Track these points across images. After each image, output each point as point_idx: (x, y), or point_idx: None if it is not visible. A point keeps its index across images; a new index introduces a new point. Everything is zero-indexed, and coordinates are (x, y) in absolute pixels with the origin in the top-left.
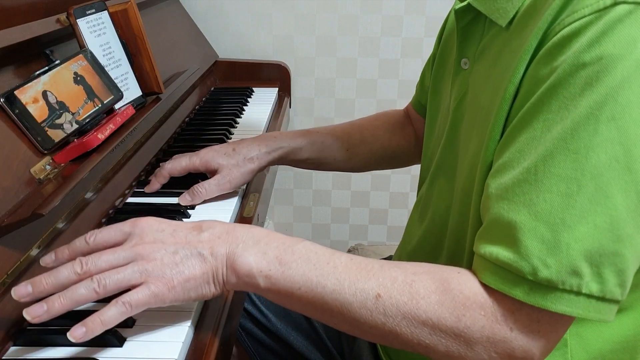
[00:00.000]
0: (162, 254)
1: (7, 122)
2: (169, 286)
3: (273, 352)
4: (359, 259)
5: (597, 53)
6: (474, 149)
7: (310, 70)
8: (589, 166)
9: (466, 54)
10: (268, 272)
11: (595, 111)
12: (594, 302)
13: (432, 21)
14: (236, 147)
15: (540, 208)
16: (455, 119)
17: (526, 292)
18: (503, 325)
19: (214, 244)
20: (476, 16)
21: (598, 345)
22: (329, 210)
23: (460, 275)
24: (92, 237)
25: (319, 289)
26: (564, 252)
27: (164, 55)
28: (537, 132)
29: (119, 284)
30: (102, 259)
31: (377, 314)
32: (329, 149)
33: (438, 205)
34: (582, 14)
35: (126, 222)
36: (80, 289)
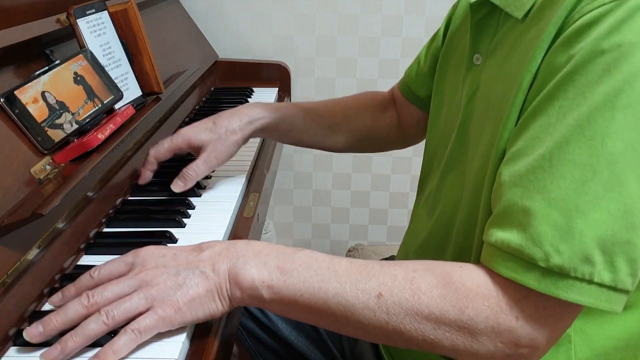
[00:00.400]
0: (164, 277)
1: (7, 122)
2: (175, 308)
3: (274, 351)
4: (359, 261)
5: (616, 40)
6: (487, 142)
7: (310, 70)
8: (604, 153)
9: (479, 49)
10: (270, 282)
11: (612, 98)
12: (605, 291)
13: (432, 21)
14: (216, 120)
15: (554, 194)
16: (466, 115)
17: (537, 279)
18: (508, 315)
19: (215, 261)
20: (491, 10)
21: (602, 342)
22: (329, 210)
23: (462, 269)
24: (97, 272)
25: (321, 294)
26: (577, 239)
27: (164, 55)
28: (552, 119)
29: (126, 313)
30: (107, 290)
31: (380, 313)
32: (309, 123)
33: (448, 200)
34: (601, 2)
35: (128, 254)
36: (91, 324)
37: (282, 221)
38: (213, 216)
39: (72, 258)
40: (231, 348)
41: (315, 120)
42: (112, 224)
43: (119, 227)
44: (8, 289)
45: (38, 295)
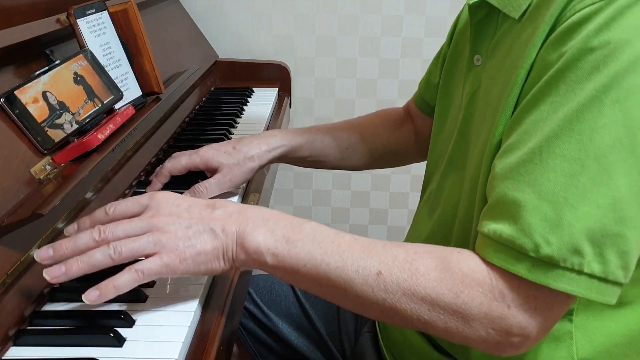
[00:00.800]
0: (176, 227)
1: (7, 122)
2: (181, 258)
3: (274, 351)
4: (362, 239)
5: (605, 38)
6: (484, 139)
7: (310, 70)
8: (592, 147)
9: (479, 50)
10: (275, 250)
11: (600, 94)
12: (596, 282)
13: (432, 21)
14: (236, 145)
15: (544, 187)
16: (467, 115)
17: (528, 269)
18: (501, 302)
19: (225, 222)
20: (490, 11)
21: (603, 339)
22: (329, 210)
23: (460, 254)
24: (112, 208)
25: (322, 266)
26: (566, 230)
27: (164, 55)
28: (543, 114)
29: (133, 252)
30: (119, 227)
31: (379, 290)
32: (328, 147)
33: (448, 199)
34: (592, 0)
35: (144, 195)
36: (97, 254)
37: None
38: None
39: None
40: (232, 348)
41: (332, 143)
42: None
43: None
44: (8, 289)
45: (38, 295)
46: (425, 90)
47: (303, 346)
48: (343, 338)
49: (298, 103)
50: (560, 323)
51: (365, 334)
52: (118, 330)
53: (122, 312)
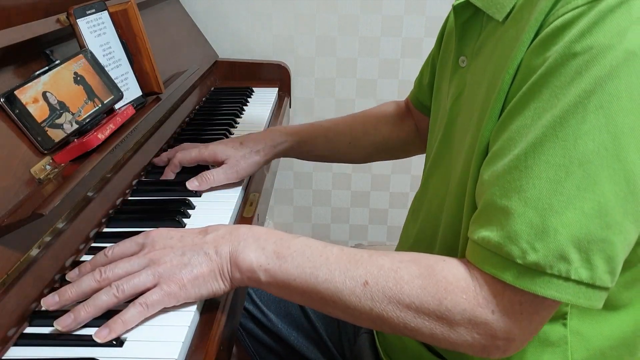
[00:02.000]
0: (171, 257)
1: (7, 122)
2: (180, 285)
3: (273, 351)
4: (350, 250)
5: (588, 43)
6: (470, 142)
7: (310, 70)
8: (576, 153)
9: (464, 51)
10: (267, 266)
11: (583, 100)
12: (583, 288)
13: (432, 21)
14: (243, 141)
15: (529, 194)
16: (451, 117)
17: (515, 276)
18: (485, 309)
19: (218, 244)
20: (475, 13)
21: (598, 343)
22: (329, 210)
23: (445, 262)
24: (110, 251)
25: (312, 279)
26: (552, 236)
27: (164, 55)
28: (527, 120)
29: (135, 288)
30: (119, 266)
31: (365, 299)
32: (332, 142)
33: (431, 201)
34: (575, 5)
35: (139, 235)
36: (102, 295)
37: (282, 221)
38: (213, 216)
39: (72, 258)
40: (231, 348)
41: (335, 138)
42: (112, 224)
43: (119, 227)
44: (8, 289)
45: (38, 295)
46: (418, 90)
47: (302, 346)
48: (342, 338)
49: (298, 103)
50: (554, 327)
51: (363, 335)
52: None
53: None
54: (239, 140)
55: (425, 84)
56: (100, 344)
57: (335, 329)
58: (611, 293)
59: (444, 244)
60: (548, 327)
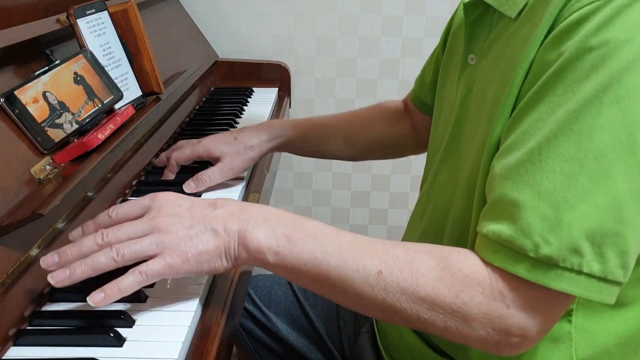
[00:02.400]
0: (178, 227)
1: (7, 122)
2: (183, 258)
3: (273, 352)
4: (363, 238)
5: (604, 37)
6: (480, 138)
7: (310, 70)
8: (591, 147)
9: (473, 49)
10: (277, 249)
11: (599, 94)
12: (595, 282)
13: (432, 21)
14: (237, 135)
15: (543, 187)
16: (460, 114)
17: (527, 269)
18: (500, 303)
19: (227, 221)
20: (485, 10)
21: (603, 340)
22: (329, 210)
23: (460, 254)
24: (115, 212)
25: (323, 265)
26: (565, 230)
27: (164, 55)
28: (542, 114)
29: (136, 254)
30: (121, 230)
31: (379, 289)
32: (328, 137)
33: (439, 199)
34: (590, 0)
35: (146, 196)
36: (100, 257)
37: None
38: None
39: None
40: (231, 348)
41: (331, 134)
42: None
43: None
44: (8, 289)
45: (38, 295)
46: (420, 88)
47: (302, 346)
48: (342, 338)
49: (298, 103)
50: (560, 324)
51: (364, 335)
52: (118, 330)
53: (122, 312)
54: (232, 135)
55: (427, 82)
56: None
57: (336, 329)
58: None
59: (451, 240)
60: None
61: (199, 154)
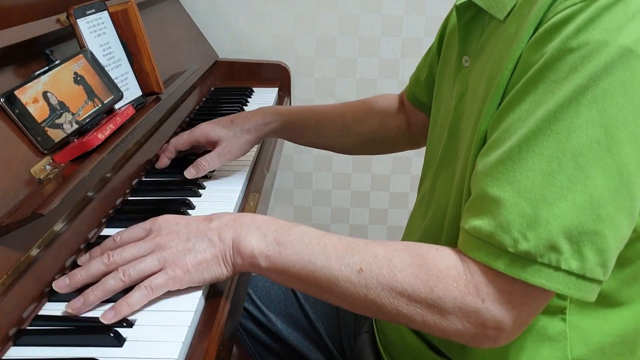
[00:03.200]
0: (176, 242)
1: (7, 122)
2: (184, 270)
3: (273, 352)
4: (347, 238)
5: (584, 39)
6: (470, 137)
7: (310, 70)
8: (569, 146)
9: (467, 51)
10: (267, 253)
11: (577, 94)
12: (573, 279)
13: (432, 21)
14: (234, 119)
15: (522, 185)
16: (455, 116)
17: (506, 264)
18: (475, 297)
19: (221, 230)
20: (477, 13)
21: (598, 339)
22: (329, 210)
23: (437, 251)
24: (119, 236)
25: (309, 266)
26: (543, 226)
27: (164, 55)
28: (523, 113)
29: (141, 272)
30: (126, 251)
31: (360, 286)
32: (323, 126)
33: (440, 199)
34: (573, 2)
35: (147, 221)
36: (109, 280)
37: None
38: None
39: (72, 258)
40: (231, 348)
41: (326, 123)
42: (112, 224)
43: (119, 227)
44: (8, 289)
45: (38, 295)
46: (415, 86)
47: (302, 346)
48: (342, 338)
49: (298, 103)
50: (554, 322)
51: (363, 335)
52: (118, 330)
53: None
54: (229, 119)
55: (422, 80)
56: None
57: (336, 329)
58: (611, 290)
59: (448, 241)
60: (547, 322)
61: (197, 137)
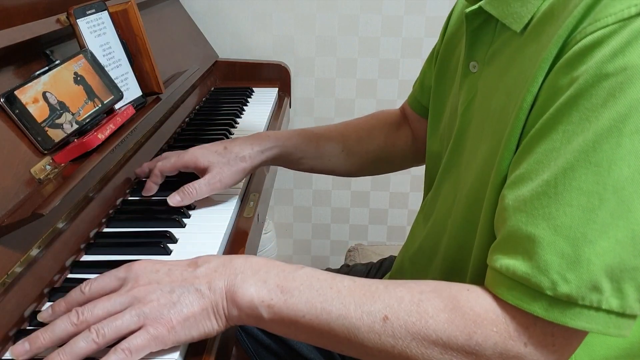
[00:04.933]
0: (158, 294)
1: (7, 122)
2: (168, 327)
3: (273, 352)
4: (362, 280)
5: (621, 64)
6: (485, 155)
7: (310, 70)
8: (611, 180)
9: (475, 57)
10: (270, 302)
11: (618, 123)
12: (613, 317)
13: (432, 21)
14: (228, 145)
15: (560, 222)
16: (463, 123)
17: (545, 308)
18: (517, 341)
19: (211, 278)
20: (487, 19)
21: (602, 352)
22: (329, 210)
23: (469, 292)
24: (88, 287)
25: (324, 315)
26: (585, 267)
27: (164, 55)
28: (556, 143)
29: (117, 331)
30: (98, 306)
31: (386, 336)
32: (324, 149)
33: (442, 208)
34: (605, 23)
35: (120, 268)
36: (79, 342)
37: (282, 221)
38: (213, 216)
39: (72, 258)
40: (231, 348)
41: (327, 145)
42: (112, 224)
43: (119, 227)
44: (8, 289)
45: (38, 295)
46: (420, 92)
47: (302, 347)
48: None
49: (298, 103)
50: None
51: None
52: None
53: None
54: (222, 145)
55: (429, 85)
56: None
57: None
58: None
59: (448, 256)
60: None
61: (185, 162)
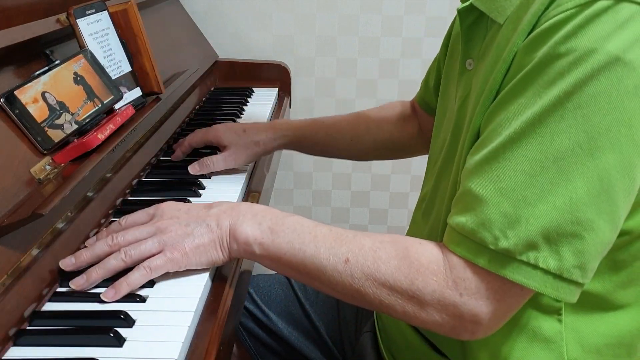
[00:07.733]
0: (176, 227)
1: (7, 122)
2: (182, 252)
3: (274, 351)
4: (337, 229)
5: (572, 45)
6: (463, 138)
7: (310, 70)
8: (552, 150)
9: (471, 54)
10: (261, 240)
11: (563, 99)
12: (550, 278)
13: (432, 21)
14: (247, 129)
15: (505, 184)
16: (458, 119)
17: (487, 261)
18: (453, 291)
19: (219, 217)
20: (479, 16)
21: (594, 340)
22: (329, 210)
23: (421, 245)
24: (124, 220)
25: (300, 254)
26: (523, 226)
27: (164, 55)
28: (510, 114)
29: (142, 253)
30: (129, 233)
31: (346, 275)
32: (333, 138)
33: (440, 204)
34: (565, 8)
35: (151, 207)
36: (111, 260)
37: None
38: None
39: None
40: (232, 348)
41: (337, 135)
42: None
43: None
44: (8, 289)
45: (38, 295)
46: (425, 91)
47: (303, 346)
48: (343, 338)
49: (298, 103)
50: (550, 323)
51: (365, 334)
52: (118, 330)
53: (122, 312)
54: (242, 127)
55: (431, 85)
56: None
57: (336, 329)
58: (607, 292)
59: None
60: (544, 322)
61: (209, 138)
